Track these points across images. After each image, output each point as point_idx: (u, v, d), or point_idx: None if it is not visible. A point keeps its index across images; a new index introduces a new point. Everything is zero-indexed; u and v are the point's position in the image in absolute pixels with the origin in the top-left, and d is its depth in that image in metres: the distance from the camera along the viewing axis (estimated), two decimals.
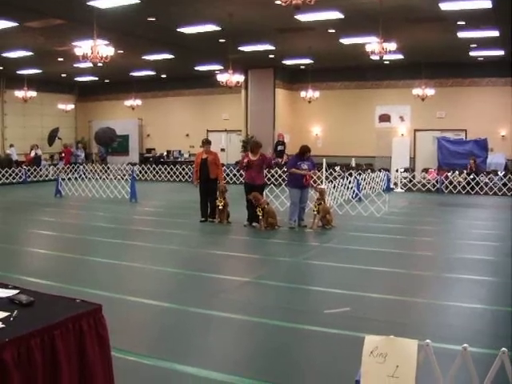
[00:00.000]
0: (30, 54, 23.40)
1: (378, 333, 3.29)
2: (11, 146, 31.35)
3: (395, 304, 7.69)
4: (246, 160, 14.19)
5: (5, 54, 23.59)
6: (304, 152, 14.25)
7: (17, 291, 3.97)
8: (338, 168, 25.36)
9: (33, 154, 31.01)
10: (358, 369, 3.30)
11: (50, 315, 3.44)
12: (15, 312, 3.49)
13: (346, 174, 21.70)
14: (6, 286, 4.16)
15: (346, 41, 20.64)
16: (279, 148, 27.93)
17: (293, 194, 14.17)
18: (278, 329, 6.69)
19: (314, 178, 15.21)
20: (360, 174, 21.52)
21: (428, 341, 3.31)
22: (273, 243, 12.25)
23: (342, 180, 19.32)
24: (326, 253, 11.20)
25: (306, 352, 6.04)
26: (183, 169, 28.24)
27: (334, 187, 17.70)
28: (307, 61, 26.09)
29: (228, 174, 25.91)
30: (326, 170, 20.27)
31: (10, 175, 27.43)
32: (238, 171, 26.15)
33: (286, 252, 11.34)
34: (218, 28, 18.63)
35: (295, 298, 8.10)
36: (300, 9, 13.98)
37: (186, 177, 27.60)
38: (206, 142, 15.38)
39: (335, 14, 16.63)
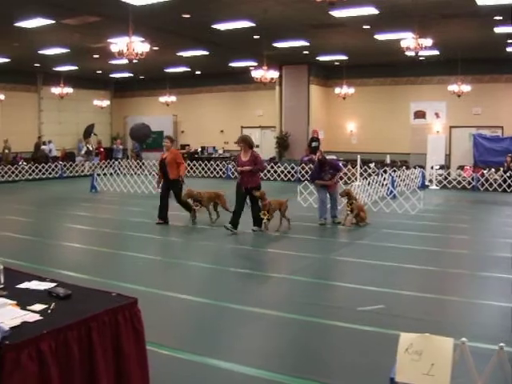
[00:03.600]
0: (66, 51, 23.64)
1: (411, 331, 3.28)
2: (49, 141, 31.75)
3: (429, 302, 7.62)
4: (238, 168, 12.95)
5: (42, 52, 23.89)
6: (322, 164, 14.01)
7: (54, 284, 4.04)
8: (372, 165, 25.20)
9: (85, 149, 31.47)
10: (391, 366, 3.29)
11: (87, 308, 3.50)
12: (53, 304, 3.56)
13: (381, 171, 21.57)
14: (43, 279, 4.23)
15: (380, 37, 20.50)
16: (313, 144, 27.83)
17: (320, 193, 14.08)
18: (311, 325, 6.68)
19: (333, 181, 14.04)
20: (395, 171, 21.38)
21: (464, 339, 3.28)
22: (306, 240, 12.21)
23: (376, 177, 19.20)
24: (359, 250, 11.14)
25: (338, 349, 6.03)
26: (217, 165, 28.34)
27: (369, 184, 17.61)
28: (341, 57, 25.96)
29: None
30: (361, 167, 20.20)
31: (47, 170, 27.81)
32: (271, 167, 26.18)
33: (320, 249, 11.31)
34: (253, 24, 18.63)
35: (329, 295, 8.11)
36: (335, 5, 13.97)
37: (221, 173, 27.68)
38: (166, 139, 14.55)
39: (370, 10, 16.53)
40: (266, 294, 8.11)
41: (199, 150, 33.43)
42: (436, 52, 22.61)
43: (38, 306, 3.52)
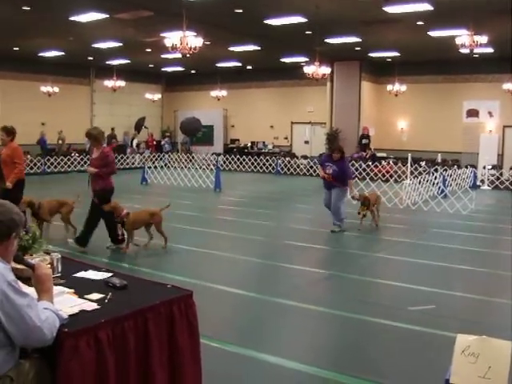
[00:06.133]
0: (119, 44, 23.94)
1: (463, 332, 3.24)
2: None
3: (481, 304, 7.53)
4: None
5: (95, 45, 24.21)
6: (332, 152, 12.87)
7: (110, 274, 4.11)
8: (423, 163, 24.92)
9: (136, 142, 32.14)
10: (445, 368, 3.27)
11: (143, 299, 3.56)
12: (109, 294, 3.62)
13: (432, 170, 21.33)
14: (99, 269, 4.31)
15: (434, 33, 20.21)
16: (364, 141, 27.64)
17: (324, 192, 13.09)
18: (361, 323, 6.66)
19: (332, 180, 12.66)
20: (446, 170, 21.11)
21: None
22: (353, 237, 12.16)
23: (427, 176, 18.99)
24: (409, 249, 11.05)
25: (390, 348, 6.00)
26: (267, 160, 28.37)
27: (420, 182, 17.43)
28: (394, 53, 25.68)
29: (312, 167, 25.95)
30: (411, 165, 19.99)
31: None
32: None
33: (370, 247, 11.25)
34: (305, 20, 18.55)
35: (379, 293, 8.07)
36: (389, 0, 13.86)
37: (270, 168, 27.71)
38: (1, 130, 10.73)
39: (424, 6, 16.28)
40: (315, 291, 8.11)
41: (249, 144, 33.51)
42: (490, 50, 22.21)
43: (96, 295, 3.60)
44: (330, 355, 5.78)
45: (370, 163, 25.11)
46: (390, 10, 16.61)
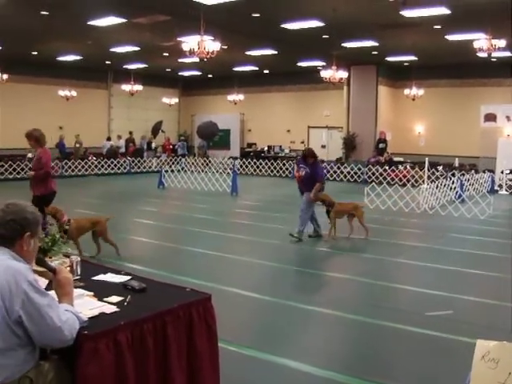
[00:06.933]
0: (137, 49, 24.09)
1: (481, 338, 3.23)
2: (119, 137, 32.35)
3: (499, 309, 7.46)
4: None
5: (113, 49, 24.39)
6: (304, 156, 12.35)
7: (129, 277, 4.13)
8: (440, 168, 24.80)
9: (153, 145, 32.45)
10: (464, 374, 3.25)
11: (162, 302, 3.57)
12: (128, 297, 3.64)
13: (449, 174, 21.23)
14: (118, 272, 4.34)
15: (452, 37, 20.14)
16: (380, 146, 27.56)
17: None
18: (376, 327, 6.64)
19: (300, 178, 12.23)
20: (463, 175, 21.00)
21: None
22: (369, 242, 12.12)
23: (444, 180, 18.90)
24: (426, 254, 11.00)
25: (408, 353, 5.98)
26: (283, 164, 28.36)
27: (437, 187, 17.36)
28: (411, 57, 25.59)
29: (328, 171, 25.94)
30: (428, 170, 19.91)
31: (115, 165, 28.38)
32: (338, 168, 26.09)
33: (385, 251, 11.21)
34: (322, 24, 18.55)
35: (396, 298, 8.04)
36: (407, 4, 13.82)
37: (287, 172, 27.70)
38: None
39: (442, 10, 16.24)
40: (331, 295, 8.10)
41: (265, 148, 33.52)
42: (508, 54, 22.09)
43: (115, 298, 3.62)
44: (346, 359, 5.77)
45: (387, 167, 25.04)
46: (408, 13, 16.57)
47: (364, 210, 12.46)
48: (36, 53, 25.84)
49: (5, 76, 25.34)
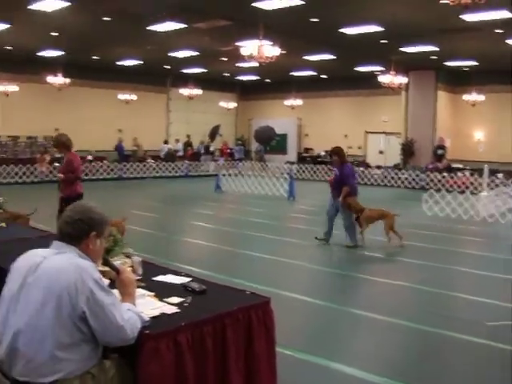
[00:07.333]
0: (196, 53, 24.35)
1: None
2: (177, 140, 32.72)
3: None
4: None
5: (173, 54, 24.70)
6: (330, 155, 11.85)
7: (189, 279, 4.18)
8: (500, 175, 24.33)
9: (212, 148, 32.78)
10: None
11: (222, 304, 3.60)
12: (189, 298, 3.69)
13: (510, 182, 20.82)
14: (178, 273, 4.40)
15: None
16: (439, 152, 27.18)
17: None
18: (434, 335, 6.56)
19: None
20: None
21: None
22: (428, 249, 11.97)
23: (505, 188, 18.54)
24: (484, 262, 10.82)
25: (463, 362, 5.88)
26: None
27: (497, 195, 17.04)
28: (471, 62, 25.19)
29: (386, 177, 25.76)
30: (488, 177, 19.55)
31: (173, 169, 28.72)
32: (395, 174, 25.84)
33: (443, 259, 11.04)
34: (381, 28, 18.43)
35: (455, 307, 7.93)
36: (469, 8, 13.58)
37: None
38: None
39: (504, 14, 15.92)
40: (387, 301, 8.03)
41: (322, 153, 33.38)
42: None
43: (175, 299, 3.67)
44: (399, 366, 5.71)
45: (446, 174, 24.69)
46: (468, 17, 16.31)
47: (396, 219, 11.89)
48: (97, 57, 26.35)
49: (67, 80, 25.85)
